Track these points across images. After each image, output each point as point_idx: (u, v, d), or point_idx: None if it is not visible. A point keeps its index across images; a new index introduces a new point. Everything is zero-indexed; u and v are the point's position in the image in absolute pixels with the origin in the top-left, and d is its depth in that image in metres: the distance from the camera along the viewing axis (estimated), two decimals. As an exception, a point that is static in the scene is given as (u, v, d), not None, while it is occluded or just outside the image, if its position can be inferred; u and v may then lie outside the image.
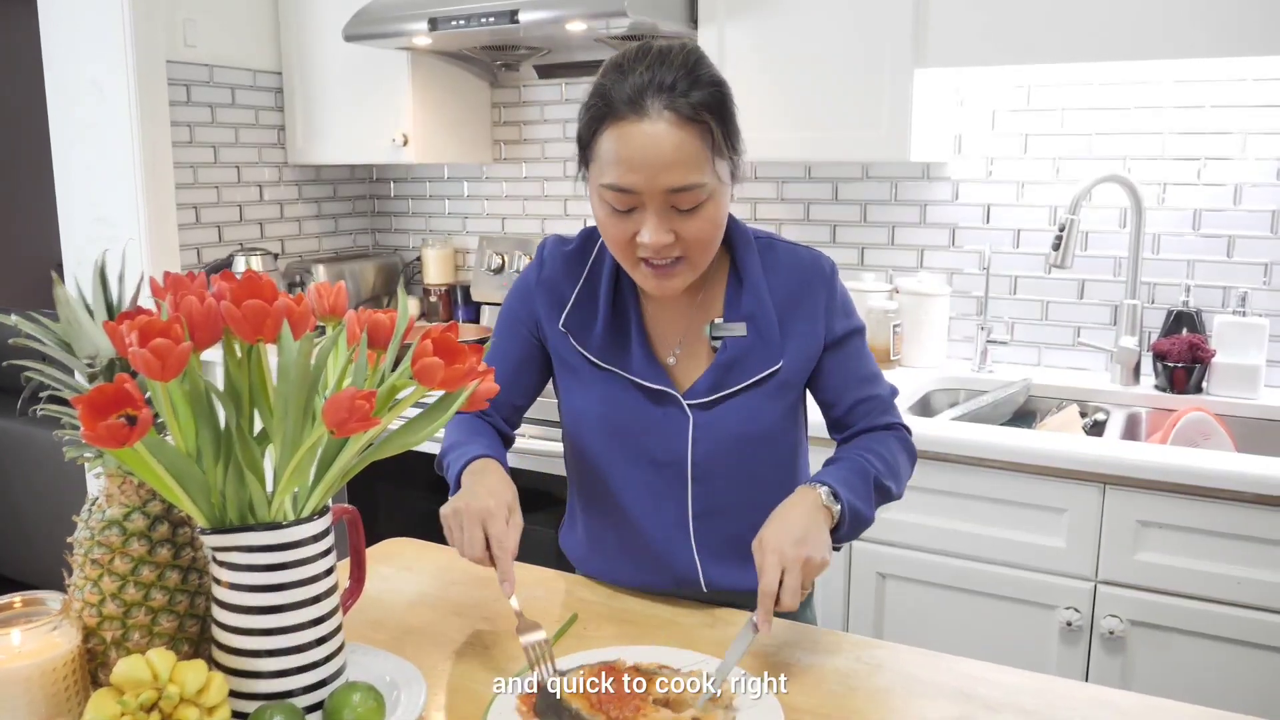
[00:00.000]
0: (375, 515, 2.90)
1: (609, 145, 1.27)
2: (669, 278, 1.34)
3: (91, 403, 0.85)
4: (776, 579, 1.21)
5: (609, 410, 1.45)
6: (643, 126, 1.25)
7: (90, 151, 2.97)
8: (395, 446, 1.06)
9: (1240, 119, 2.41)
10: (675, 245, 1.31)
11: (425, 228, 3.67)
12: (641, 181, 1.26)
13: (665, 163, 1.25)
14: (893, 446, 1.47)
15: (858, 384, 1.48)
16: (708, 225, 1.32)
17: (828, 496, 1.32)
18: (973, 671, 1.25)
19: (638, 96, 1.25)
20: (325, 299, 1.13)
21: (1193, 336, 2.40)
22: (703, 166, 1.28)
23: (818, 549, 1.24)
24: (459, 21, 2.65)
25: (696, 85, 1.27)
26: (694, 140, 1.26)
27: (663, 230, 1.29)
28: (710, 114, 1.27)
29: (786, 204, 2.98)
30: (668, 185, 1.26)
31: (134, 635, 1.05)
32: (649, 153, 1.25)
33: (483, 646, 1.31)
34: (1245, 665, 1.91)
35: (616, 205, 1.30)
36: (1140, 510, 1.96)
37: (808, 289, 1.44)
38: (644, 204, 1.28)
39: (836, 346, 1.46)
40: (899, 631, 2.21)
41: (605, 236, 1.36)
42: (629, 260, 1.35)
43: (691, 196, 1.28)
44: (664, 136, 1.25)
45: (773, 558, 1.22)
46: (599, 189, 1.31)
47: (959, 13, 2.33)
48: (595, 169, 1.32)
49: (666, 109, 1.25)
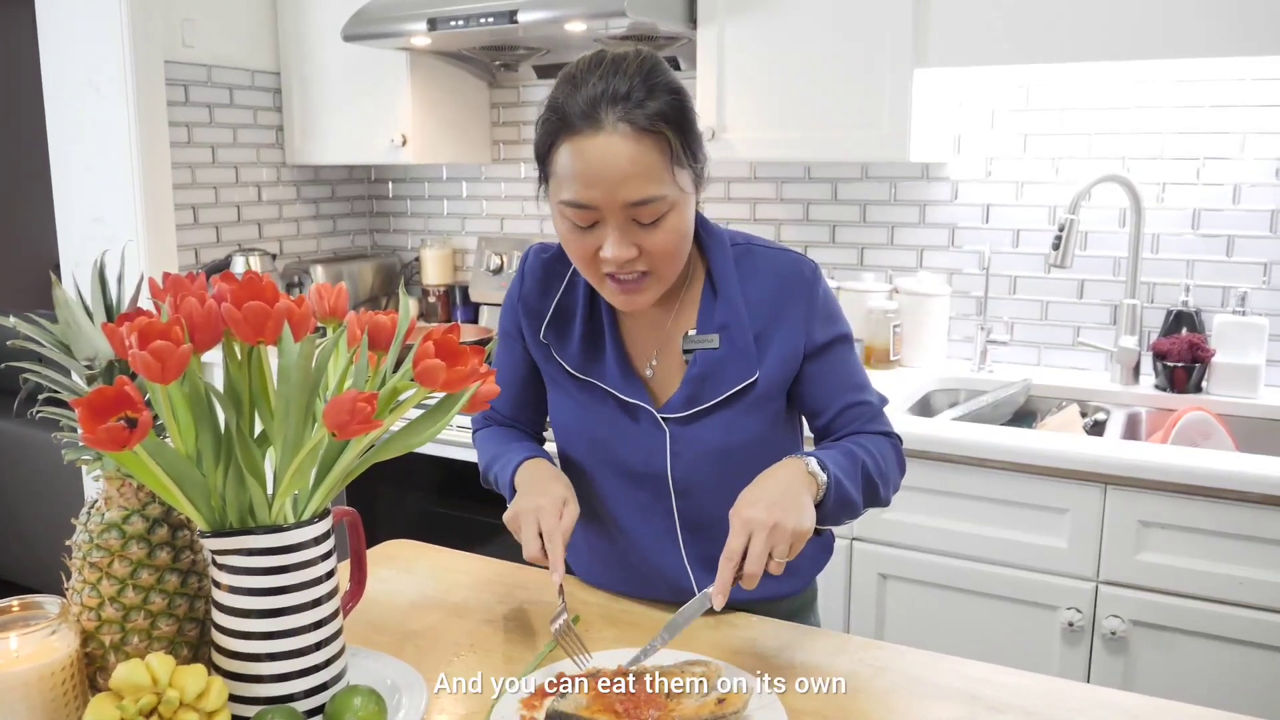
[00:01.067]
0: (375, 517, 2.90)
1: (565, 160, 1.24)
2: (636, 293, 1.32)
3: (90, 405, 0.84)
4: (742, 545, 1.16)
5: (588, 422, 1.44)
6: (598, 140, 1.21)
7: (88, 151, 2.96)
8: (396, 448, 1.06)
9: (1239, 119, 2.41)
10: (639, 259, 1.28)
11: (424, 228, 3.66)
12: (599, 196, 1.23)
13: (623, 176, 1.22)
14: (885, 449, 1.41)
15: (844, 391, 1.42)
16: (671, 237, 1.28)
17: (814, 465, 1.27)
18: (976, 673, 1.25)
19: (591, 109, 1.22)
20: (326, 300, 1.13)
21: (1192, 336, 2.40)
22: (662, 178, 1.24)
23: (792, 515, 1.18)
24: (458, 22, 2.65)
25: (652, 94, 1.23)
26: (651, 152, 1.23)
27: (625, 245, 1.26)
28: (667, 124, 1.23)
29: (786, 204, 2.97)
30: (626, 199, 1.23)
31: (133, 639, 1.04)
32: (606, 167, 1.21)
33: (484, 649, 1.31)
34: (1247, 665, 1.91)
35: (577, 221, 1.27)
36: (1141, 510, 1.96)
37: (788, 296, 1.39)
38: (604, 218, 1.25)
39: (819, 354, 1.40)
40: (900, 632, 2.21)
41: (569, 253, 1.33)
42: (594, 276, 1.33)
43: (652, 210, 1.25)
44: (620, 150, 1.21)
45: (739, 522, 1.18)
46: (558, 206, 1.28)
47: (959, 12, 2.33)
48: (554, 185, 1.28)
49: (621, 120, 1.21)
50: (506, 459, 1.45)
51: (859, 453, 1.35)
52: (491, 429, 1.58)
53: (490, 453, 1.52)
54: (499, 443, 1.52)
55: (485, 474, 1.53)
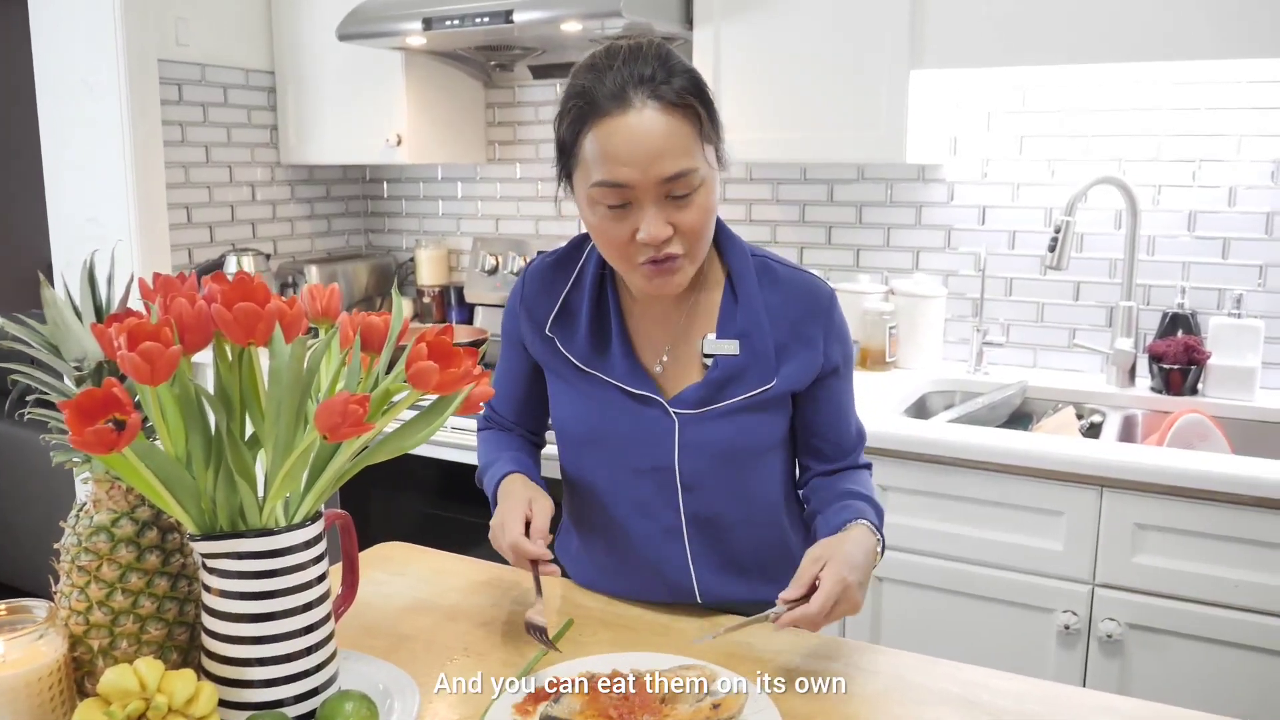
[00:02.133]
0: (370, 519, 2.89)
1: (596, 144, 1.26)
2: (671, 274, 1.32)
3: (79, 407, 0.83)
4: (831, 605, 1.20)
5: (594, 415, 1.44)
6: (629, 119, 1.24)
7: (81, 151, 2.95)
8: (390, 451, 1.05)
9: (1235, 121, 2.41)
10: (674, 239, 1.29)
11: (419, 228, 3.65)
12: (635, 174, 1.24)
13: (658, 151, 1.24)
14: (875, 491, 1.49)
15: (841, 418, 1.49)
16: (703, 214, 1.30)
17: (880, 545, 1.34)
18: (972, 677, 1.24)
19: (620, 90, 1.24)
20: (318, 301, 1.12)
21: (1188, 338, 2.40)
22: (693, 151, 1.27)
23: (864, 592, 1.25)
24: (453, 21, 2.64)
25: (674, 74, 1.27)
26: (683, 125, 1.26)
27: (661, 222, 1.27)
28: (695, 98, 1.27)
29: (782, 205, 2.97)
30: (662, 174, 1.25)
31: (122, 643, 1.03)
32: (640, 144, 1.24)
33: (478, 653, 1.30)
34: (1243, 668, 1.91)
35: (610, 203, 1.28)
36: (1137, 513, 1.95)
37: (808, 315, 1.42)
38: (638, 198, 1.26)
39: (830, 377, 1.44)
40: (896, 635, 2.20)
41: (601, 241, 1.33)
42: (628, 263, 1.32)
43: (686, 183, 1.27)
44: (653, 125, 1.24)
45: (836, 586, 1.21)
46: (590, 190, 1.28)
47: (956, 14, 2.32)
48: (582, 172, 1.29)
49: (651, 98, 1.24)
50: (493, 471, 1.49)
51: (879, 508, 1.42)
52: (491, 432, 1.61)
53: (485, 458, 1.55)
54: (494, 449, 1.55)
55: (479, 478, 1.56)
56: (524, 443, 1.59)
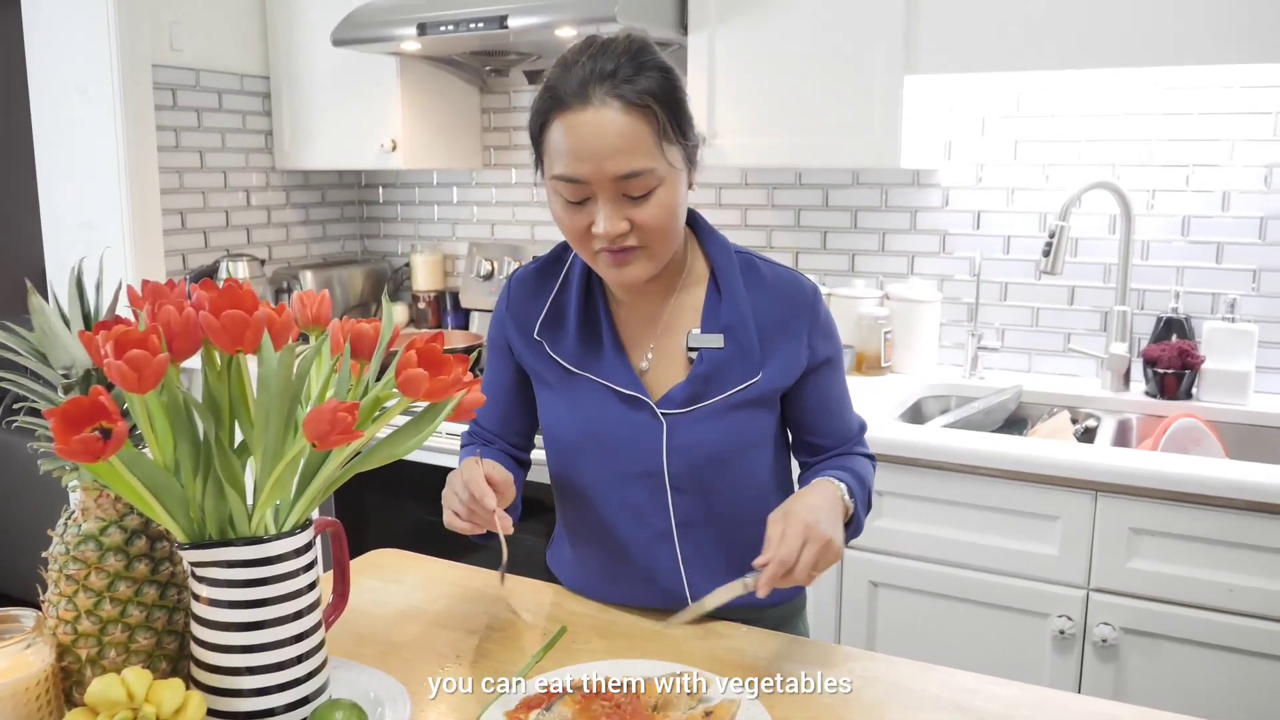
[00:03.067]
0: (365, 527, 2.88)
1: (557, 136, 1.28)
2: (626, 265, 1.33)
3: (65, 415, 0.83)
4: (797, 547, 1.20)
5: (584, 419, 1.43)
6: (586, 115, 1.25)
7: (74, 156, 2.94)
8: (381, 458, 1.04)
9: (1228, 126, 2.41)
10: (630, 233, 1.30)
11: (414, 234, 3.65)
12: (589, 170, 1.26)
13: (611, 150, 1.25)
14: (870, 474, 1.49)
15: (835, 411, 1.49)
16: (661, 211, 1.30)
17: (845, 492, 1.34)
18: (967, 684, 1.24)
19: (581, 86, 1.26)
20: (308, 308, 1.11)
21: (1182, 343, 2.40)
22: (650, 152, 1.27)
23: (838, 536, 1.25)
24: (448, 27, 2.64)
25: (641, 71, 1.27)
26: (639, 125, 1.26)
27: (616, 219, 1.28)
28: (654, 99, 1.27)
29: (777, 210, 2.97)
30: (615, 172, 1.26)
31: (110, 653, 1.03)
32: (594, 141, 1.25)
33: (470, 661, 1.29)
34: (1237, 673, 1.90)
35: (568, 196, 1.30)
36: (1132, 517, 1.95)
37: (791, 310, 1.43)
38: (594, 193, 1.28)
39: (817, 370, 1.45)
40: (892, 640, 2.20)
41: (563, 231, 1.35)
42: (588, 253, 1.35)
43: (641, 183, 1.27)
44: (608, 123, 1.25)
45: (798, 527, 1.22)
46: (551, 182, 1.31)
47: (950, 20, 2.32)
48: (547, 163, 1.32)
49: (610, 95, 1.25)
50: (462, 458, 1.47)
51: (867, 479, 1.44)
52: (473, 448, 1.54)
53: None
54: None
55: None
56: (503, 456, 1.55)
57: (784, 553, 1.20)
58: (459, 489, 1.30)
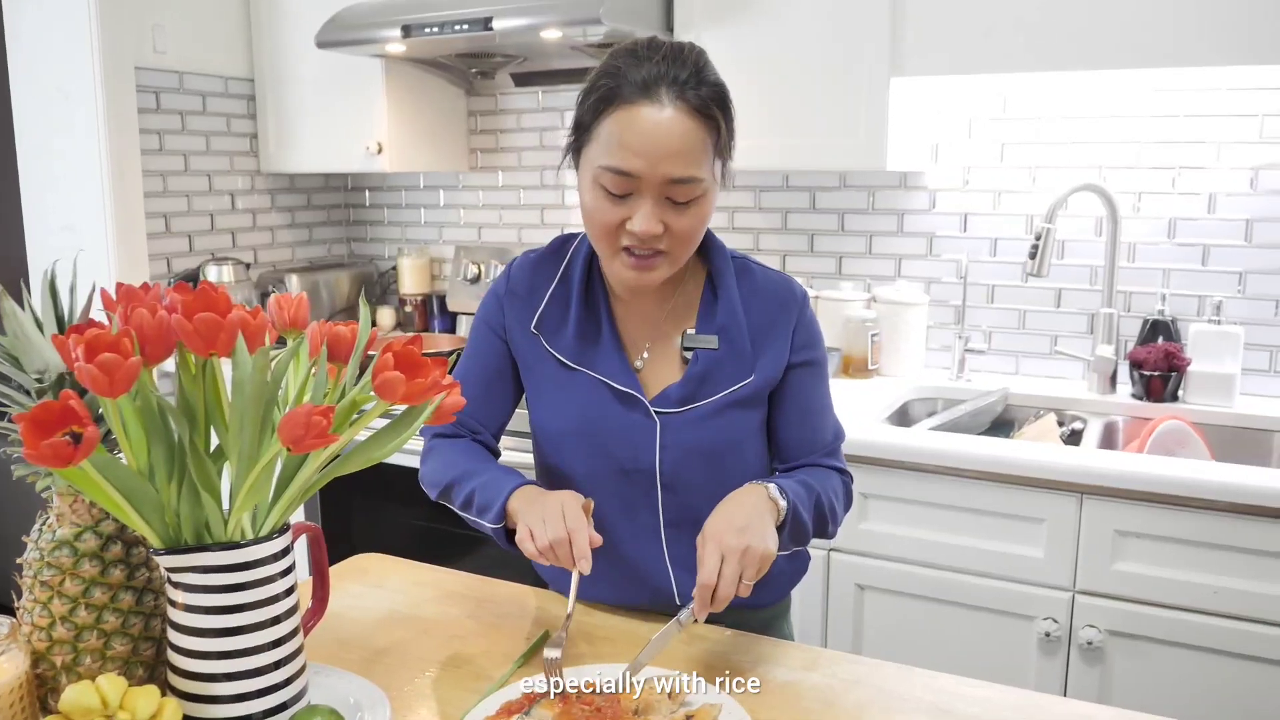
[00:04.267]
0: (351, 532, 2.87)
1: (614, 128, 1.27)
2: (649, 269, 1.33)
3: (35, 420, 0.82)
4: (715, 569, 1.19)
5: (577, 413, 1.43)
6: (651, 112, 1.26)
7: (57, 159, 2.93)
8: (359, 462, 1.03)
9: (1214, 128, 2.41)
10: (662, 237, 1.30)
11: (401, 237, 3.64)
12: (644, 167, 1.26)
13: (671, 151, 1.26)
14: (836, 485, 1.46)
15: (808, 415, 1.48)
16: (697, 222, 1.32)
17: (775, 491, 1.31)
18: (950, 687, 1.23)
19: (652, 83, 1.26)
20: (285, 311, 1.10)
21: (1168, 345, 2.40)
22: (703, 162, 1.29)
23: (760, 539, 1.22)
24: (433, 29, 2.63)
25: (704, 83, 1.29)
26: (701, 134, 1.28)
27: (655, 219, 1.28)
28: (719, 109, 1.30)
29: (764, 213, 2.96)
30: (669, 174, 1.27)
31: (86, 660, 1.02)
32: (656, 139, 1.25)
33: (453, 666, 1.28)
34: (1223, 675, 1.90)
35: (612, 189, 1.29)
36: (1118, 520, 1.95)
37: (782, 312, 1.44)
38: (640, 190, 1.28)
39: (794, 371, 1.45)
40: (878, 643, 2.19)
41: (591, 221, 1.34)
42: (610, 248, 1.34)
43: (688, 190, 1.28)
44: (673, 125, 1.26)
45: (712, 546, 1.21)
46: (596, 170, 1.30)
47: (936, 22, 2.32)
48: (593, 151, 1.31)
49: (679, 99, 1.26)
50: (491, 477, 1.39)
51: (814, 485, 1.40)
52: (448, 441, 1.50)
53: (460, 467, 1.44)
54: (469, 460, 1.45)
55: (451, 488, 1.44)
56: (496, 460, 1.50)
57: (703, 576, 1.19)
58: (551, 519, 1.24)
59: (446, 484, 1.45)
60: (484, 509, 1.37)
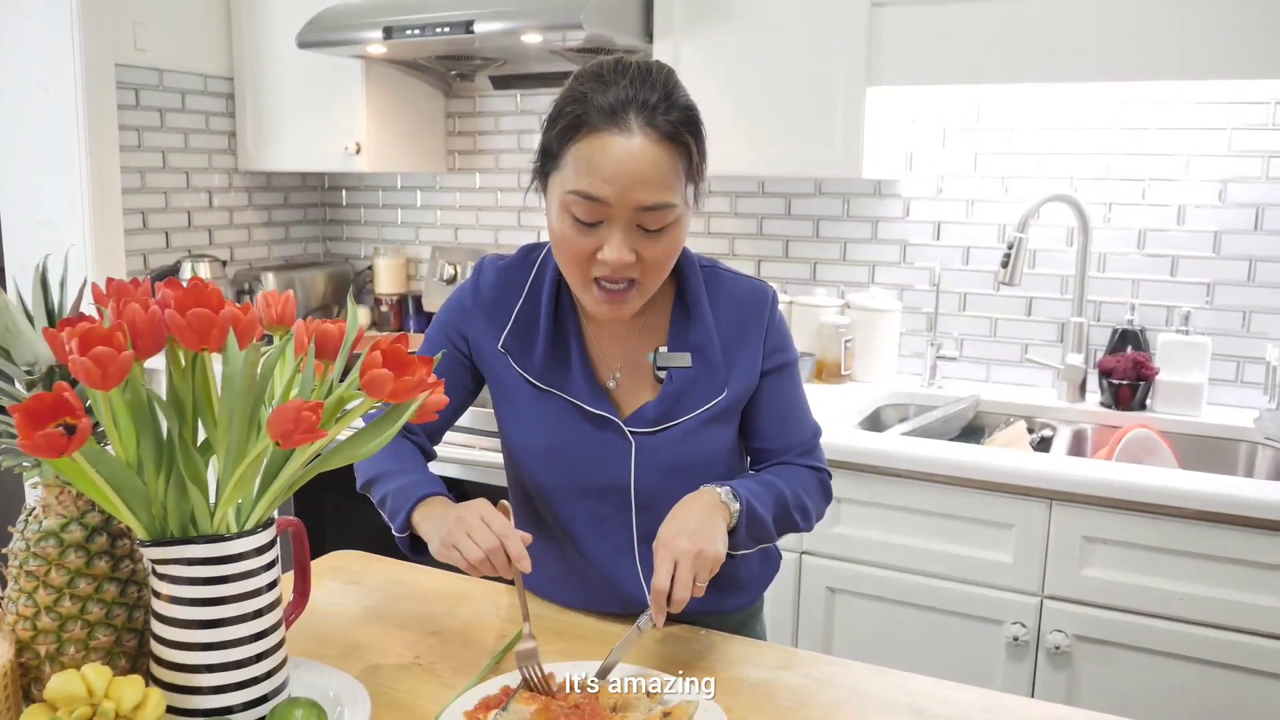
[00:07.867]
0: (325, 529, 2.87)
1: (584, 153, 1.24)
2: (621, 302, 1.32)
3: (28, 411, 0.83)
4: (669, 575, 1.20)
5: (550, 435, 1.42)
6: (621, 140, 1.23)
7: (35, 154, 2.91)
8: (343, 458, 1.05)
9: (1184, 141, 2.46)
10: (634, 266, 1.28)
11: (377, 237, 3.64)
12: (614, 194, 1.23)
13: (641, 178, 1.23)
14: (808, 480, 1.46)
15: (784, 418, 1.47)
16: (669, 249, 1.30)
17: (726, 495, 1.31)
18: (923, 688, 1.25)
19: (621, 109, 1.23)
20: (273, 308, 1.11)
21: (1137, 354, 2.44)
22: (675, 187, 1.26)
23: (710, 542, 1.23)
24: (414, 31, 2.64)
25: (674, 106, 1.26)
26: (671, 160, 1.25)
27: (626, 248, 1.26)
28: (690, 134, 1.27)
29: (739, 218, 2.99)
30: (639, 202, 1.24)
31: (69, 649, 1.02)
32: (625, 167, 1.23)
33: (430, 661, 1.30)
34: (1188, 680, 1.94)
35: (582, 216, 1.26)
36: (1086, 526, 1.98)
37: (752, 318, 1.43)
38: (611, 218, 1.25)
39: (768, 375, 1.44)
40: (848, 646, 2.22)
41: (561, 251, 1.32)
42: (581, 279, 1.31)
43: (659, 217, 1.26)
44: (643, 152, 1.23)
45: (665, 552, 1.22)
46: (564, 196, 1.26)
47: (912, 32, 2.35)
48: (562, 176, 1.27)
49: (649, 125, 1.23)
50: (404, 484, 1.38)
51: (778, 483, 1.40)
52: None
53: (381, 465, 1.42)
54: (393, 460, 1.43)
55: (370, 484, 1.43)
56: (422, 458, 1.48)
57: (658, 582, 1.20)
58: (477, 531, 1.22)
59: (367, 480, 1.44)
60: (393, 515, 1.37)
